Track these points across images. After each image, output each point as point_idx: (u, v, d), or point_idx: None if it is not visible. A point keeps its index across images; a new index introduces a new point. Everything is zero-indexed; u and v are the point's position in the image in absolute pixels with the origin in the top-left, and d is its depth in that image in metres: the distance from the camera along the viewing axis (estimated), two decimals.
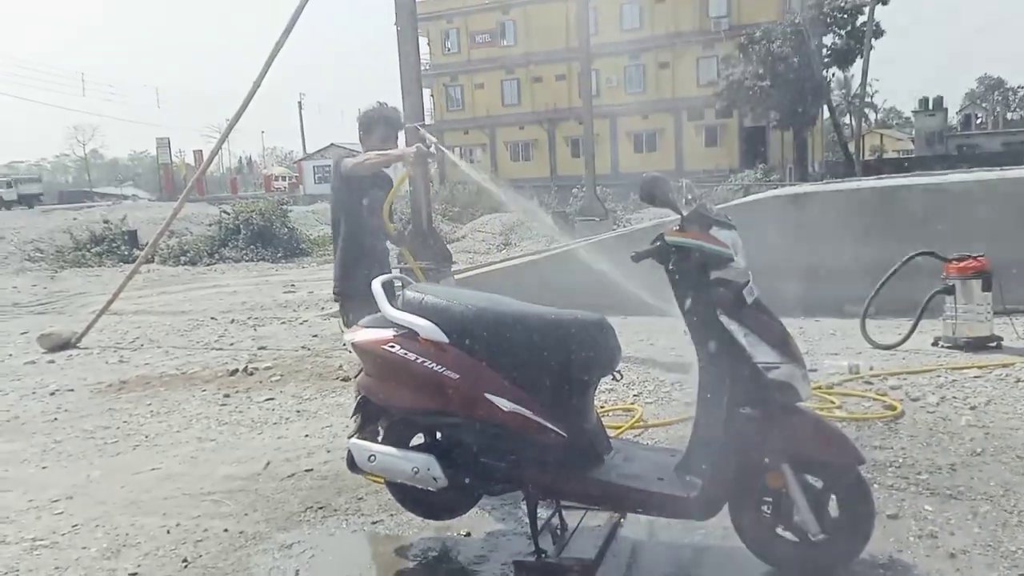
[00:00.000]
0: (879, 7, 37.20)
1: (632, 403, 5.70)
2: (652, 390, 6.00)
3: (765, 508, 3.15)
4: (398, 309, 3.44)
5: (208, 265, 21.09)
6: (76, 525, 4.17)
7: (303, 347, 8.50)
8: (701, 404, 3.26)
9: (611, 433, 4.44)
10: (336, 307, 4.90)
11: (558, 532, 3.52)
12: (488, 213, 26.03)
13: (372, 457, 3.46)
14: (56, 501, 4.52)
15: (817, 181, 26.58)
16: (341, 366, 7.32)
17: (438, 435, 3.52)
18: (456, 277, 9.36)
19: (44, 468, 5.15)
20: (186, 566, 3.64)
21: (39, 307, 14.07)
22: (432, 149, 4.51)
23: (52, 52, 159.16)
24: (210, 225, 24.70)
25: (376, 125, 4.59)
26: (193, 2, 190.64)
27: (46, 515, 4.33)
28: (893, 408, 5.16)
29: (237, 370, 7.48)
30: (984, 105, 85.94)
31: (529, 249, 18.02)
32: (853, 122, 49.71)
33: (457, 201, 29.12)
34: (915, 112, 68.92)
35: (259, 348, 8.61)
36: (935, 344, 6.94)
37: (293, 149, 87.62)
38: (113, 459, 5.26)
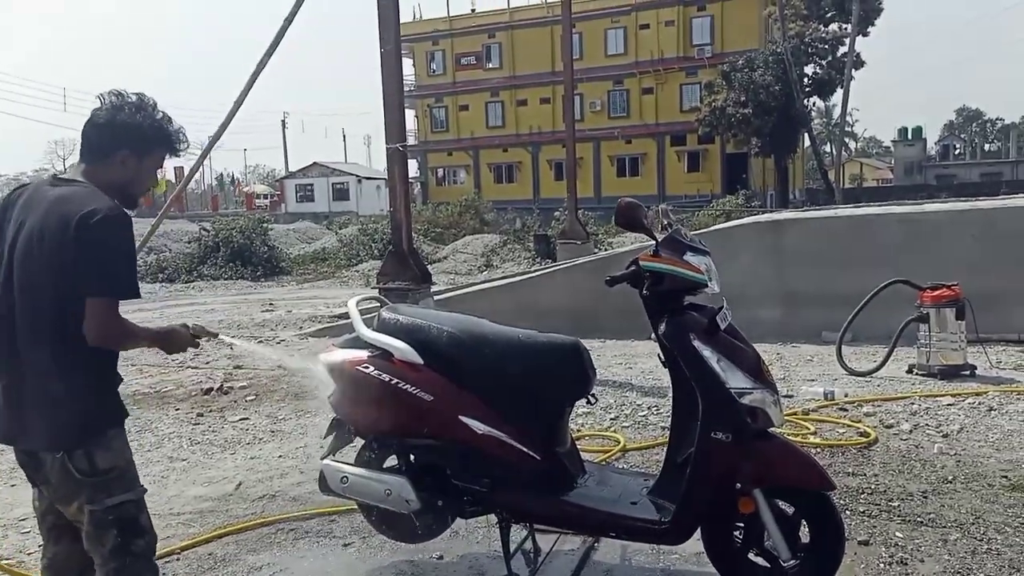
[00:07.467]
0: (860, 38, 37.85)
1: (609, 427, 5.70)
2: (629, 414, 6.01)
3: (737, 533, 3.16)
4: (373, 330, 3.44)
5: (186, 283, 20.95)
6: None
7: (279, 367, 8.43)
8: (675, 429, 3.29)
9: (596, 459, 4.46)
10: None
11: (531, 556, 3.51)
12: (470, 234, 26.09)
13: (345, 479, 3.43)
14: (23, 520, 4.42)
15: (798, 208, 26.86)
16: (317, 387, 7.25)
17: (412, 457, 3.51)
18: (436, 298, 9.35)
19: (12, 486, 5.06)
20: None
21: None
22: (206, 340, 2.89)
23: (34, 65, 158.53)
24: (189, 242, 24.57)
25: (156, 146, 2.70)
26: (177, 18, 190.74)
27: (13, 534, 4.26)
28: (867, 435, 5.20)
29: (212, 389, 7.41)
30: (963, 136, 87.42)
31: (511, 271, 18.09)
32: (833, 150, 50.36)
33: (439, 221, 29.11)
34: (895, 142, 69.75)
35: (235, 367, 8.54)
36: (910, 372, 7.01)
37: (276, 167, 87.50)
38: None
